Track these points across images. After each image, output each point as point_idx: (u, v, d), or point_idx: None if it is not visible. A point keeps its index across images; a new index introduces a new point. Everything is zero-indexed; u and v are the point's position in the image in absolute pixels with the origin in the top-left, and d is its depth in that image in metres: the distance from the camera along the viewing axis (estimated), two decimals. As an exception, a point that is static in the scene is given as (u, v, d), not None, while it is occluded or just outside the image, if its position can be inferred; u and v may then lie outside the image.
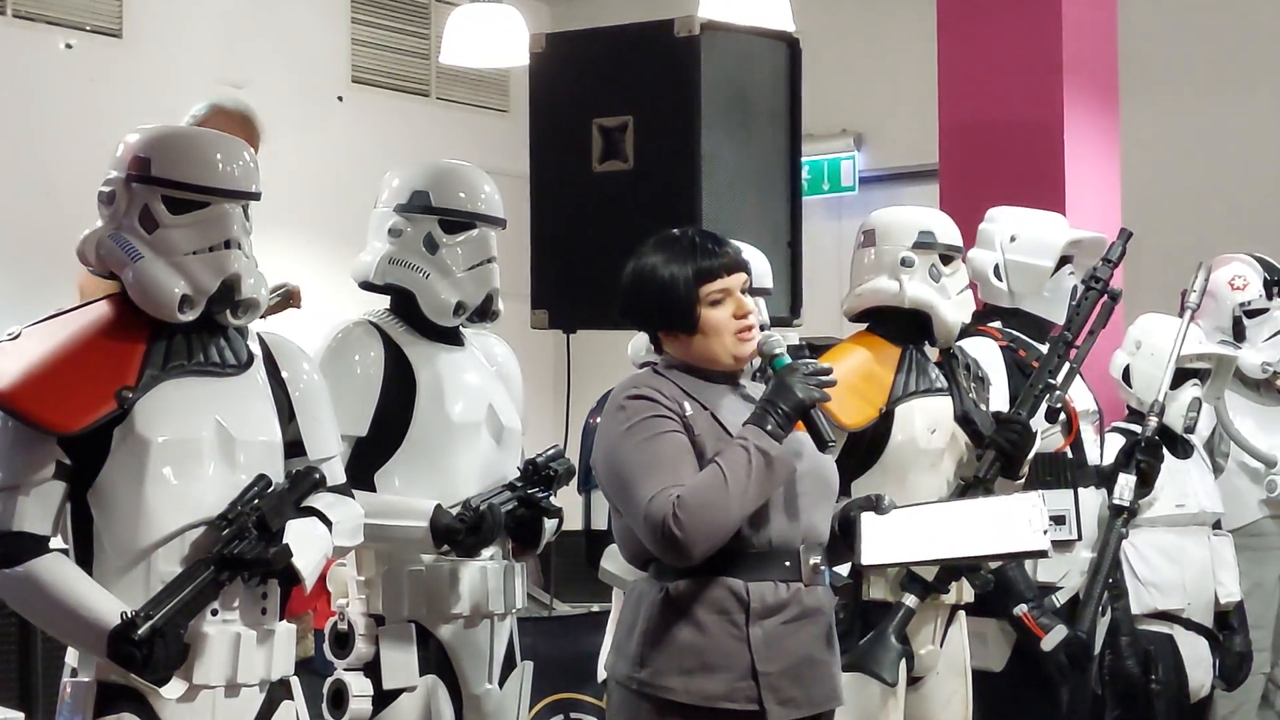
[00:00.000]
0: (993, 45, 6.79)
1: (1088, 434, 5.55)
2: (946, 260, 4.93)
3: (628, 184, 5.46)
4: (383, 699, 4.33)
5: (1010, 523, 3.96)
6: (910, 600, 4.65)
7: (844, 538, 3.91)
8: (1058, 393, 4.98)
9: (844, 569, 4.31)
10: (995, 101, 6.78)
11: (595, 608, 6.35)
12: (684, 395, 3.78)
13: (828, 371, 3.81)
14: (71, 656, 3.66)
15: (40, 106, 8.98)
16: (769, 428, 3.70)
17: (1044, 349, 5.37)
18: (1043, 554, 4.02)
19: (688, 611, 3.73)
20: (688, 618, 3.73)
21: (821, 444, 3.80)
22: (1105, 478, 5.52)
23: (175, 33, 9.43)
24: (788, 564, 3.77)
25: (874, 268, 4.97)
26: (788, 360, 3.83)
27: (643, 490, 3.67)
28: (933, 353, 4.97)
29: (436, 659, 4.38)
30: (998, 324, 5.55)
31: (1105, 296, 5.12)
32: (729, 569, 3.74)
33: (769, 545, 3.76)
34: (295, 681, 3.82)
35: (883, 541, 3.90)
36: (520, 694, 4.51)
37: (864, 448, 4.76)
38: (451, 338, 4.53)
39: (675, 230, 3.94)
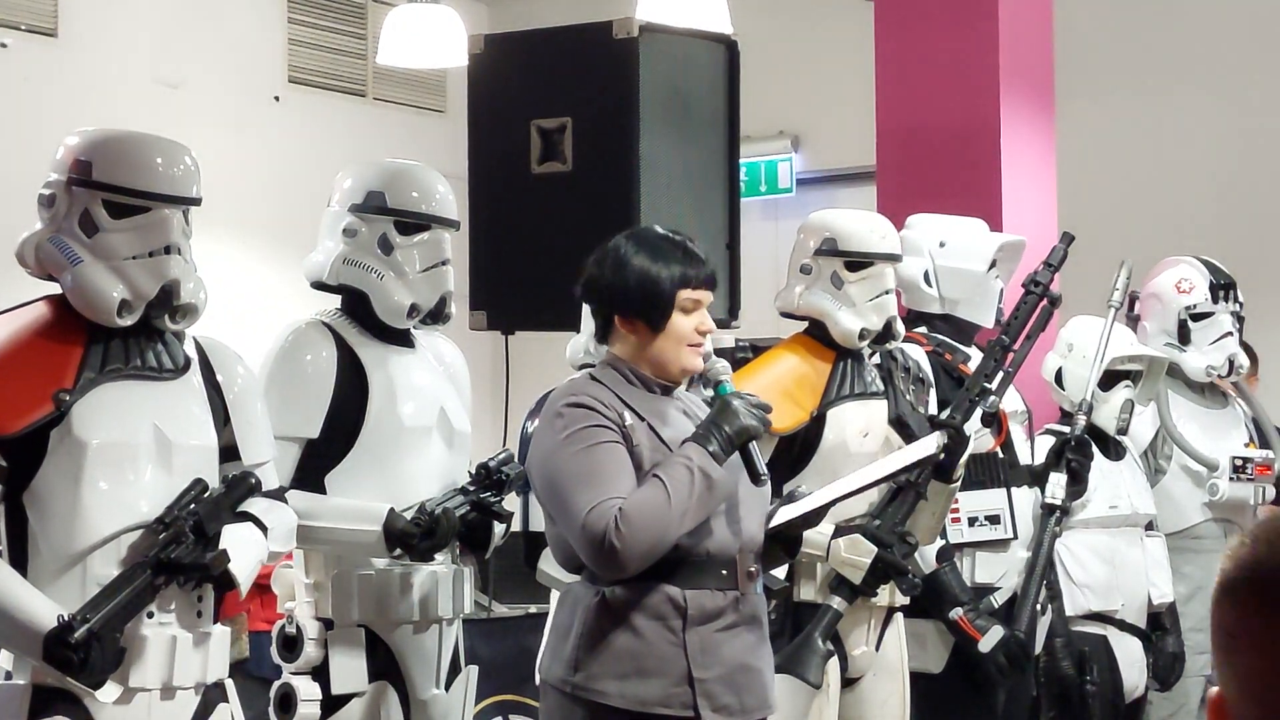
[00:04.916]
0: (930, 48, 6.82)
1: (1017, 434, 5.57)
2: (856, 266, 4.91)
3: (566, 185, 5.46)
4: (331, 704, 4.30)
5: (908, 450, 4.38)
6: (837, 602, 4.66)
7: (776, 541, 3.92)
8: (993, 398, 4.98)
9: (780, 572, 4.32)
10: (932, 104, 6.80)
11: (533, 609, 6.34)
12: (623, 406, 3.77)
13: (768, 409, 3.83)
14: (5, 660, 3.64)
15: (-27, 106, 8.91)
16: (711, 449, 3.70)
17: (970, 352, 5.38)
18: (933, 458, 4.42)
19: (624, 617, 3.73)
20: (624, 623, 3.73)
21: (755, 477, 3.80)
22: (1037, 477, 5.54)
23: (111, 32, 9.37)
24: (724, 572, 3.78)
25: (789, 272, 5.00)
26: (731, 389, 3.84)
27: (581, 500, 3.66)
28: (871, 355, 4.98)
29: (385, 664, 4.36)
30: (923, 330, 5.56)
31: (1045, 300, 5.13)
32: (667, 576, 3.74)
33: (707, 554, 3.77)
34: (230, 684, 3.82)
35: (792, 508, 3.94)
36: (465, 698, 4.50)
37: (795, 451, 4.77)
38: (402, 339, 4.50)
39: (659, 229, 3.94)
